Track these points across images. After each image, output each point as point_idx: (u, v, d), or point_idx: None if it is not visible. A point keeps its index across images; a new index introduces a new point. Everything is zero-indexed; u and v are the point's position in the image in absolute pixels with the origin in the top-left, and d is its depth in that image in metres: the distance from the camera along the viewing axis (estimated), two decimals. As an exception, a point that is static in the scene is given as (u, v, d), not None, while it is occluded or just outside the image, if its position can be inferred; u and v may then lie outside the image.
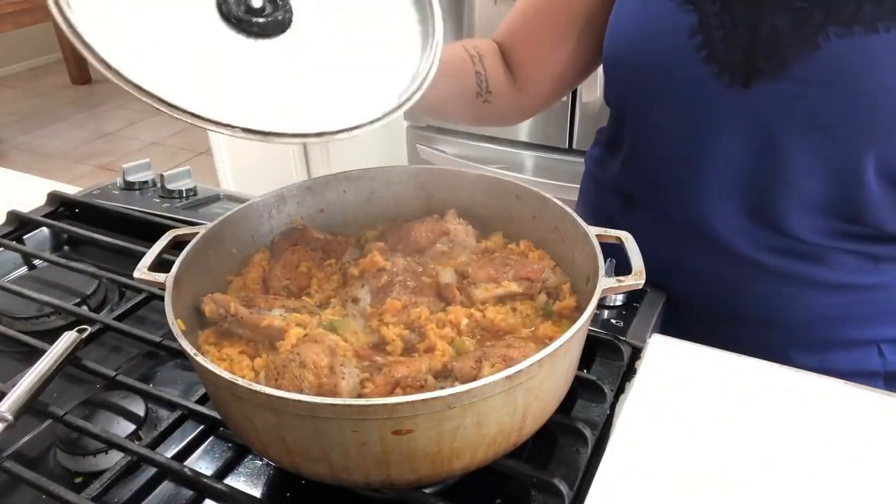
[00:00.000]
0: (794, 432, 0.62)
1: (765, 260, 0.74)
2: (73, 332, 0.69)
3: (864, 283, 0.73)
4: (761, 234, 0.73)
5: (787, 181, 0.68)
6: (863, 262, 0.72)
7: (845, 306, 0.75)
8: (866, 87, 0.61)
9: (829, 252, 0.72)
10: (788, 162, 0.67)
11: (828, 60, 0.62)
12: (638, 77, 0.75)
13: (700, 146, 0.72)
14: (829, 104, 0.63)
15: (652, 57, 0.71)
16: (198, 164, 3.64)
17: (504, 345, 0.59)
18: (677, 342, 0.73)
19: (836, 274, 0.73)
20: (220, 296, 0.65)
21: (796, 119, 0.65)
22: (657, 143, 0.77)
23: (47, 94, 4.81)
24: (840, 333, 0.77)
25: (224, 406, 0.57)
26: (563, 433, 0.62)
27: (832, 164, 0.66)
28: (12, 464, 0.60)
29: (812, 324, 0.77)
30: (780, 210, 0.70)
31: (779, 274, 0.75)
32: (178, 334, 0.54)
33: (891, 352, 0.77)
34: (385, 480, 0.52)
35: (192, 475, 0.59)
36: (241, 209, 0.73)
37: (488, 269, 0.67)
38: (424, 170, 0.80)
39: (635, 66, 0.74)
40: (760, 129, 0.67)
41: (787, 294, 0.76)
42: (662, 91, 0.73)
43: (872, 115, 0.62)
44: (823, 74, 0.62)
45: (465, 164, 2.05)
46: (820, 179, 0.67)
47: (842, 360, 0.77)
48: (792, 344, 0.78)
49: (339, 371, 0.55)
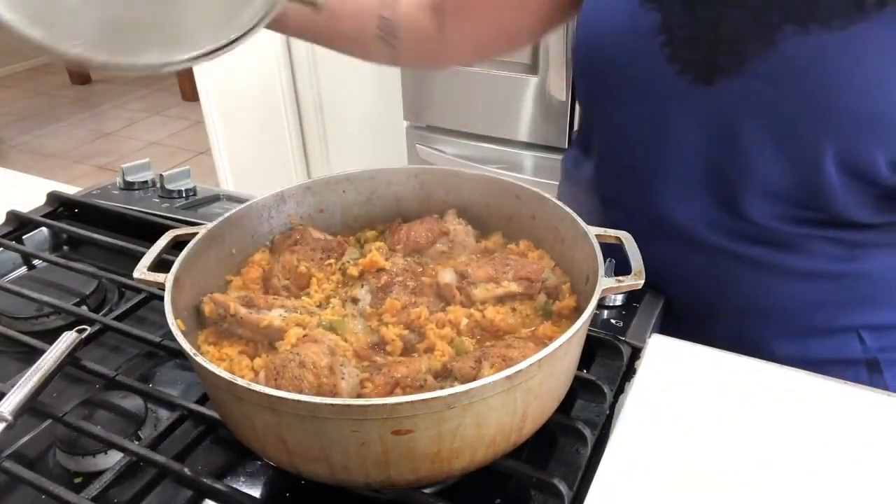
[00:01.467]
0: (794, 432, 0.62)
1: (737, 250, 0.75)
2: (73, 333, 0.69)
3: (841, 270, 0.74)
4: (731, 224, 0.74)
5: (751, 173, 0.70)
6: (837, 249, 0.73)
7: (823, 293, 0.76)
8: (823, 83, 0.63)
9: (801, 239, 0.73)
10: (751, 155, 0.69)
11: (785, 58, 0.64)
12: (604, 76, 0.77)
13: (666, 142, 0.74)
14: (787, 100, 0.65)
15: (617, 56, 0.73)
16: (197, 164, 3.64)
17: (504, 345, 0.59)
18: (677, 342, 0.73)
19: (810, 261, 0.74)
20: (219, 296, 0.65)
21: (757, 114, 0.67)
22: (624, 141, 0.78)
23: (47, 94, 4.82)
24: (819, 321, 0.77)
25: (223, 406, 0.57)
26: (563, 433, 0.62)
27: (793, 157, 0.68)
28: (12, 464, 0.60)
29: (790, 312, 0.78)
30: (746, 201, 0.72)
31: (753, 263, 0.76)
32: (178, 334, 0.54)
33: (871, 338, 0.77)
34: (385, 480, 0.52)
35: (192, 475, 0.59)
36: (240, 209, 0.73)
37: (488, 269, 0.67)
38: (424, 170, 0.80)
39: (601, 65, 0.76)
40: (723, 124, 0.69)
41: (762, 283, 0.77)
42: (628, 89, 0.75)
43: (829, 110, 0.64)
44: (781, 71, 0.64)
45: (464, 164, 2.05)
46: (782, 170, 0.69)
47: (823, 347, 0.78)
48: (772, 334, 0.79)
49: (339, 371, 0.55)
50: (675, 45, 0.68)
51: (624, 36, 0.72)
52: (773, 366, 0.69)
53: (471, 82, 1.99)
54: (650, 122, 0.74)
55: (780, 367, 0.69)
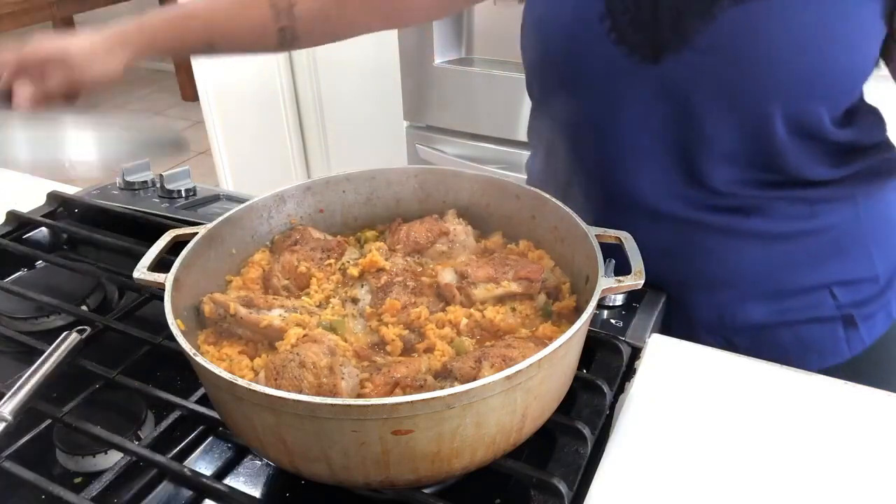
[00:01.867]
0: (794, 432, 0.62)
1: (702, 218, 0.77)
2: (74, 333, 0.69)
3: (804, 228, 0.77)
4: (693, 193, 0.76)
5: (706, 141, 0.73)
6: (797, 208, 0.76)
7: (790, 253, 0.78)
8: (763, 50, 0.66)
9: (761, 202, 0.76)
10: (704, 124, 0.72)
11: (725, 29, 0.67)
12: (556, 68, 0.79)
13: (622, 121, 0.76)
14: (731, 69, 0.68)
15: (566, 46, 0.76)
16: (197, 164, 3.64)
17: (503, 345, 0.59)
18: (677, 342, 0.73)
19: (773, 223, 0.76)
20: (219, 296, 0.65)
21: (704, 85, 0.70)
22: (581, 126, 0.80)
23: (47, 94, 4.80)
24: (790, 282, 0.79)
25: (223, 406, 0.57)
26: (563, 433, 0.62)
27: (745, 121, 0.71)
28: (12, 464, 0.60)
29: (761, 276, 0.79)
30: (706, 168, 0.74)
31: (719, 230, 0.78)
32: (178, 334, 0.54)
33: (842, 293, 0.79)
34: (384, 480, 0.52)
35: (192, 475, 0.59)
36: (240, 209, 0.73)
37: (488, 269, 0.67)
38: (424, 170, 0.80)
39: (552, 58, 0.79)
40: (675, 98, 0.72)
41: (731, 249, 0.79)
42: (582, 75, 0.77)
43: (772, 73, 0.67)
44: (722, 42, 0.67)
45: (464, 164, 2.05)
46: (737, 136, 0.72)
47: (797, 308, 0.80)
48: (746, 299, 0.81)
49: (339, 371, 0.55)
50: (620, 29, 0.71)
51: (570, 27, 0.75)
52: (773, 366, 0.69)
53: (471, 82, 1.98)
54: (603, 106, 0.76)
55: (779, 367, 0.69)
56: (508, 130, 2.01)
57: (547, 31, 0.78)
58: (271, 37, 0.85)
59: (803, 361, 0.79)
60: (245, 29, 0.84)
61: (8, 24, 3.72)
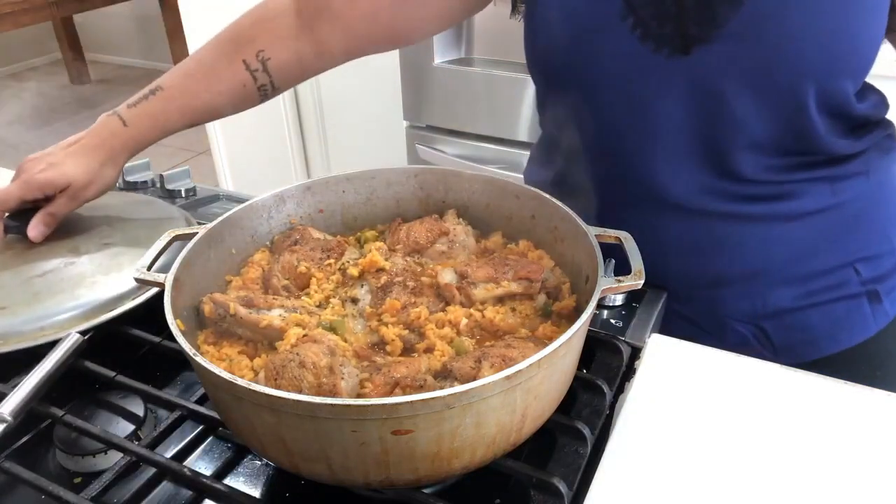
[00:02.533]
0: (794, 432, 0.62)
1: (733, 210, 0.77)
2: (76, 334, 0.69)
3: (825, 205, 0.77)
4: (723, 185, 0.76)
5: (738, 130, 0.72)
6: (820, 186, 0.77)
7: (815, 234, 0.79)
8: (794, 30, 0.66)
9: (788, 186, 0.76)
10: (736, 113, 0.71)
11: (753, 14, 0.66)
12: (578, 70, 0.77)
13: (649, 119, 0.75)
14: (764, 54, 0.67)
15: (590, 48, 0.74)
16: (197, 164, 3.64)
17: (503, 345, 0.59)
18: (677, 342, 0.73)
19: (798, 204, 0.77)
20: (219, 296, 0.65)
21: (737, 74, 0.69)
22: (606, 127, 0.79)
23: (47, 94, 4.81)
24: (816, 263, 0.80)
25: (223, 406, 0.57)
26: (563, 433, 0.62)
27: (778, 107, 0.70)
28: (12, 464, 0.60)
29: (789, 260, 0.80)
30: (734, 159, 0.74)
31: (749, 219, 0.78)
32: (178, 334, 0.54)
33: (865, 269, 0.80)
34: (384, 480, 0.52)
35: (192, 475, 0.59)
36: (240, 209, 0.73)
37: (487, 269, 0.67)
38: (424, 170, 0.80)
39: (575, 61, 0.77)
40: (705, 89, 0.71)
41: (759, 237, 0.79)
42: (606, 76, 0.75)
43: (804, 54, 0.67)
44: (753, 28, 0.66)
45: (464, 164, 2.05)
46: (768, 123, 0.71)
47: (824, 288, 0.81)
48: (776, 286, 0.81)
49: (339, 371, 0.55)
50: (645, 24, 0.70)
51: (590, 27, 0.73)
52: (773, 366, 0.69)
53: (471, 82, 1.99)
54: (630, 104, 0.75)
55: (779, 367, 0.69)
56: (508, 130, 2.02)
57: (560, 35, 0.76)
58: (253, 96, 0.86)
59: (833, 340, 0.82)
60: (225, 97, 0.85)
61: (8, 24, 3.72)
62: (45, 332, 0.72)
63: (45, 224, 0.83)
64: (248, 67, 0.84)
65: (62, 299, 0.75)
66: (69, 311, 0.74)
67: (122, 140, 0.83)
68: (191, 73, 0.85)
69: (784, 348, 0.83)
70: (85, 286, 0.76)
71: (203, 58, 0.85)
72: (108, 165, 0.84)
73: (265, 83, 0.85)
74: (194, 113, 0.85)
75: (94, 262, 0.81)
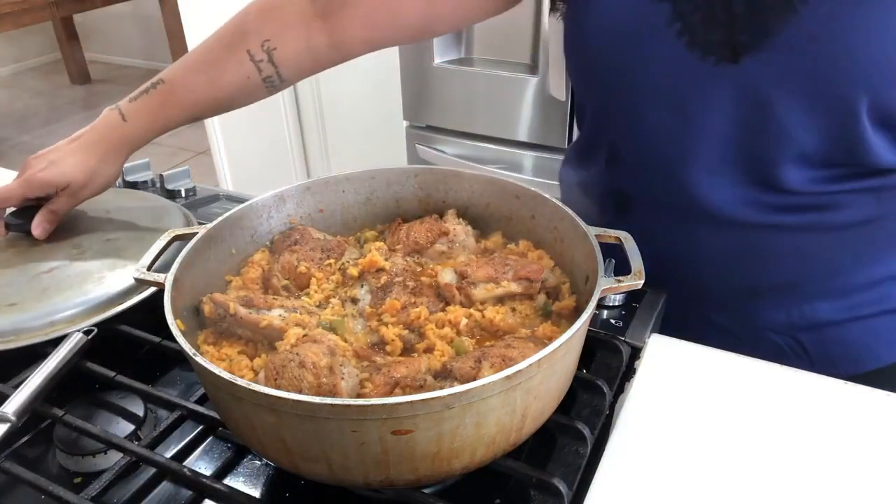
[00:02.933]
0: (794, 432, 0.62)
1: (775, 221, 0.75)
2: (79, 333, 0.69)
3: (869, 216, 0.75)
4: (766, 198, 0.74)
5: (785, 141, 0.70)
6: (865, 198, 0.74)
7: (858, 247, 0.76)
8: (851, 39, 0.63)
9: (833, 197, 0.73)
10: (784, 124, 0.69)
11: (809, 22, 0.64)
12: (621, 75, 0.75)
13: (691, 127, 0.73)
14: (818, 64, 0.65)
15: (634, 53, 0.72)
16: (197, 164, 3.64)
17: (503, 345, 0.59)
18: (676, 342, 0.73)
19: (842, 215, 0.74)
20: (219, 296, 0.65)
21: (789, 84, 0.67)
22: (647, 134, 0.77)
23: (47, 94, 4.82)
24: (858, 275, 0.78)
25: (223, 406, 0.57)
26: (563, 433, 0.62)
27: (829, 118, 0.68)
28: (12, 464, 0.60)
29: (830, 273, 0.78)
30: (781, 171, 0.71)
31: (791, 231, 0.75)
32: (177, 334, 0.54)
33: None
34: (384, 480, 0.52)
35: (192, 475, 0.59)
36: (240, 209, 0.73)
37: (487, 269, 0.67)
38: (423, 170, 0.80)
39: (618, 65, 0.75)
40: (753, 99, 0.69)
41: (801, 249, 0.76)
42: (649, 83, 0.73)
43: (858, 64, 0.64)
44: (808, 37, 0.64)
45: (464, 164, 2.05)
46: (817, 134, 0.69)
47: (867, 302, 0.79)
48: (815, 298, 0.79)
49: (339, 371, 0.55)
50: (693, 31, 0.67)
51: (635, 32, 0.71)
52: (773, 366, 0.69)
53: (471, 82, 1.99)
54: (674, 111, 0.73)
55: (780, 367, 0.69)
56: (508, 130, 2.02)
57: (604, 39, 0.74)
58: (259, 89, 0.83)
59: (873, 355, 0.80)
60: (229, 90, 0.82)
61: (8, 23, 3.72)
62: (56, 328, 0.72)
63: (47, 221, 0.83)
64: (252, 58, 0.81)
65: (71, 295, 0.75)
66: (78, 306, 0.74)
67: (122, 135, 0.82)
68: (192, 65, 0.83)
69: (822, 361, 0.81)
70: (92, 281, 0.77)
71: (205, 49, 0.83)
72: (108, 162, 0.83)
73: (271, 74, 0.82)
74: (196, 107, 0.83)
75: (98, 258, 0.81)
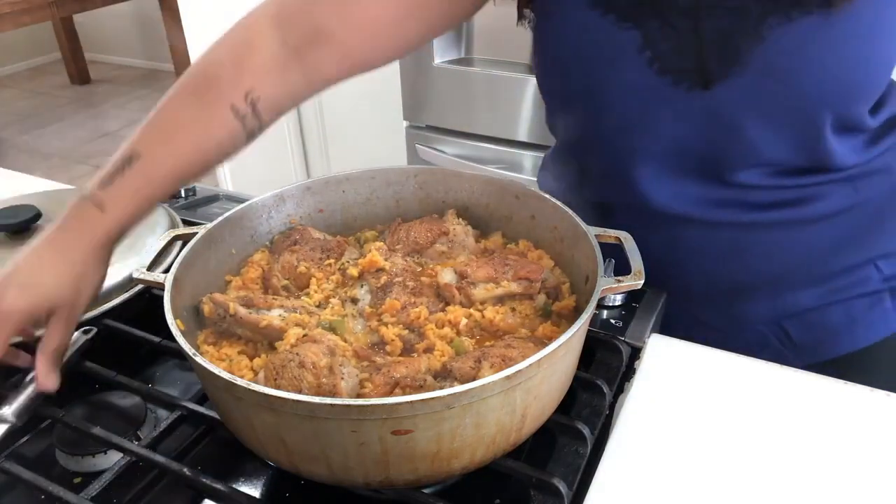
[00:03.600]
0: (794, 432, 0.62)
1: (744, 219, 0.77)
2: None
3: (847, 205, 0.77)
4: (735, 197, 0.76)
5: (749, 155, 0.72)
6: (839, 187, 0.76)
7: (836, 234, 0.78)
8: (817, 63, 0.66)
9: (804, 190, 0.76)
10: (750, 141, 0.71)
11: (776, 48, 0.66)
12: (588, 97, 0.76)
13: (657, 143, 0.74)
14: (787, 87, 0.67)
15: (601, 76, 0.73)
16: (197, 164, 3.63)
17: (503, 345, 0.59)
18: (676, 342, 0.73)
19: (818, 206, 0.76)
20: (218, 296, 0.65)
21: (759, 107, 0.69)
22: (612, 150, 0.78)
23: (47, 94, 4.81)
24: (837, 262, 0.80)
25: (223, 406, 0.57)
26: (563, 433, 0.62)
27: (793, 134, 0.71)
28: (12, 464, 0.60)
29: (810, 261, 0.80)
30: (746, 175, 0.74)
31: (766, 228, 0.77)
32: (177, 334, 0.54)
33: (887, 266, 0.81)
34: (384, 481, 0.52)
35: (192, 475, 0.59)
36: (240, 209, 0.74)
37: (487, 269, 0.67)
38: (423, 170, 0.80)
39: (584, 86, 0.75)
40: (722, 122, 0.70)
41: (780, 244, 0.78)
42: (616, 106, 0.74)
43: (823, 86, 0.67)
44: (775, 62, 0.66)
45: (464, 164, 2.05)
46: (784, 148, 0.72)
47: (845, 286, 0.81)
48: (798, 286, 0.81)
49: (339, 371, 0.55)
50: (663, 58, 0.69)
51: (601, 56, 0.72)
52: (773, 366, 0.69)
53: (471, 82, 1.98)
54: (640, 131, 0.74)
55: (779, 367, 0.69)
56: (508, 130, 2.01)
57: (572, 61, 0.74)
58: (240, 142, 0.72)
59: (852, 337, 0.81)
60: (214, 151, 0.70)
61: (8, 24, 3.71)
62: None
63: (52, 366, 0.63)
64: (237, 115, 0.69)
65: None
66: None
67: (104, 229, 0.65)
68: (170, 130, 0.70)
69: (804, 347, 0.82)
70: None
71: (177, 111, 0.71)
72: (93, 264, 0.65)
73: (254, 127, 0.72)
74: (182, 176, 0.70)
75: None
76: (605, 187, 0.82)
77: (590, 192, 0.85)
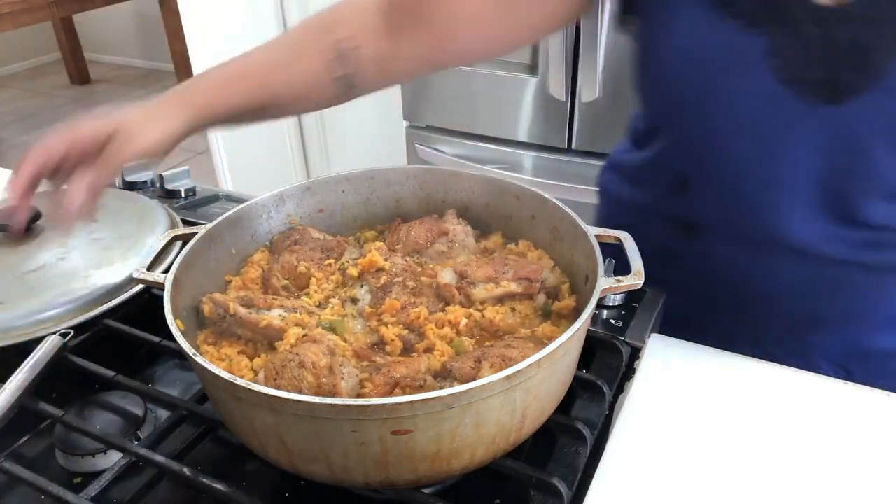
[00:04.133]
0: (794, 432, 0.62)
1: (853, 257, 0.73)
2: (56, 336, 0.69)
3: None
4: (849, 233, 0.72)
5: (876, 182, 0.68)
6: None
7: None
8: None
9: None
10: (879, 166, 0.66)
11: None
12: (703, 106, 0.71)
13: (778, 164, 0.70)
14: None
15: (720, 85, 0.69)
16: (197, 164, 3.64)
17: (503, 345, 0.59)
18: (676, 342, 0.73)
19: None
20: (218, 296, 0.65)
21: (888, 129, 0.64)
22: (728, 168, 0.74)
23: (47, 94, 4.81)
24: None
25: (223, 406, 0.57)
26: (563, 433, 0.62)
27: None
28: (11, 464, 0.60)
29: (891, 304, 0.77)
30: (865, 209, 0.70)
31: (867, 267, 0.74)
32: (177, 334, 0.54)
33: None
34: (384, 481, 0.52)
35: (191, 475, 0.59)
36: (240, 209, 0.73)
37: (487, 269, 0.67)
38: (423, 170, 0.80)
39: (700, 96, 0.71)
40: (849, 141, 0.66)
41: (874, 284, 0.75)
42: (735, 117, 0.70)
43: None
44: None
45: (464, 164, 2.05)
46: None
47: None
48: (875, 329, 0.78)
49: (339, 371, 0.55)
50: (792, 67, 0.64)
51: (722, 62, 0.68)
52: (773, 366, 0.70)
53: (471, 82, 1.98)
54: (759, 148, 0.70)
55: (780, 367, 0.69)
56: (508, 130, 2.02)
57: (688, 68, 0.70)
58: (326, 88, 0.74)
59: None
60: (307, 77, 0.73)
61: (8, 23, 3.71)
62: (43, 326, 0.73)
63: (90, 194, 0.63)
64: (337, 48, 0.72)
65: (58, 293, 0.75)
66: (65, 304, 0.74)
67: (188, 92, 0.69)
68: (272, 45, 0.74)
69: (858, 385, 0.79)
70: (79, 280, 0.77)
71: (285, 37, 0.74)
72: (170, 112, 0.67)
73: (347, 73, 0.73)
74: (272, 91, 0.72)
75: (84, 257, 0.81)
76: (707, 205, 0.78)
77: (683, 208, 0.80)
